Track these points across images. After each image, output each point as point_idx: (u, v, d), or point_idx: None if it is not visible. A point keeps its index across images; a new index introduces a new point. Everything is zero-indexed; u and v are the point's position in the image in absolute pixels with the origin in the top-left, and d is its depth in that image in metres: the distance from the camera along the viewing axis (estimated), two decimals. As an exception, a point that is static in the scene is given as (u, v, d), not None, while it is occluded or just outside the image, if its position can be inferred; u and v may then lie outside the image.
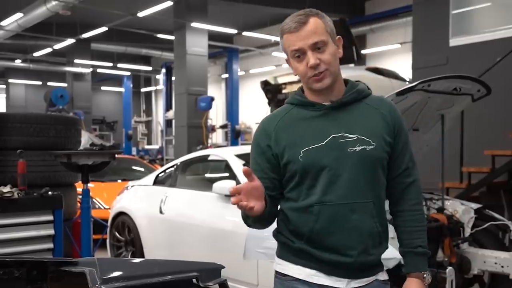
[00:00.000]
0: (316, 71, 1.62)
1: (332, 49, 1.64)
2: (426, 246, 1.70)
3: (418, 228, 1.70)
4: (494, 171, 5.65)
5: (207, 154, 5.26)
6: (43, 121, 3.74)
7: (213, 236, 4.26)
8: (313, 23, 1.63)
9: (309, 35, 1.62)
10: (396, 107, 1.74)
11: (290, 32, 1.64)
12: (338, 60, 1.68)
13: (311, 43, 1.61)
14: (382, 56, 16.67)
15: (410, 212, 1.71)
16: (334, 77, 1.65)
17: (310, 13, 1.66)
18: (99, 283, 1.43)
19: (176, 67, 14.76)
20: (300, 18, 1.63)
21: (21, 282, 1.47)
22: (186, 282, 1.65)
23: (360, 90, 1.71)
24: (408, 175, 1.72)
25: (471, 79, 3.80)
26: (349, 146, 1.62)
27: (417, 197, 1.72)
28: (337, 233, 1.61)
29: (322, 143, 1.62)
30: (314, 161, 1.62)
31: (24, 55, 20.48)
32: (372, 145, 1.63)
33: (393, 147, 1.69)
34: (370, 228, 1.64)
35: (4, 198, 3.16)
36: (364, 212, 1.63)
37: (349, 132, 1.63)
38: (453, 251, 3.79)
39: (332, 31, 1.67)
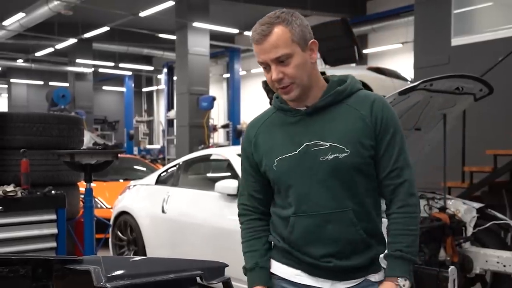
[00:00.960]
0: (280, 85, 1.57)
1: (298, 60, 1.55)
2: (411, 251, 1.58)
3: (402, 232, 1.59)
4: (496, 171, 5.64)
5: (209, 154, 5.28)
6: (46, 121, 3.75)
7: (215, 235, 4.26)
8: (276, 35, 1.53)
9: (271, 49, 1.53)
10: (384, 104, 1.62)
11: (254, 42, 1.57)
12: (311, 66, 1.60)
13: (272, 57, 1.54)
14: (383, 56, 16.66)
15: (396, 214, 1.61)
16: (303, 87, 1.58)
17: (276, 20, 1.54)
18: (103, 281, 1.44)
19: (177, 67, 14.77)
20: (263, 29, 1.54)
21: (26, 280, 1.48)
22: (190, 281, 1.66)
23: (340, 91, 1.61)
24: (397, 176, 1.61)
25: (473, 78, 3.80)
26: (321, 155, 1.57)
27: (404, 199, 1.61)
28: (313, 243, 1.62)
29: (295, 152, 1.59)
30: (285, 173, 1.61)
31: (26, 55, 20.51)
32: (346, 152, 1.56)
33: (376, 148, 1.60)
34: (350, 236, 1.59)
35: (7, 197, 3.17)
36: (341, 221, 1.58)
37: (323, 140, 1.58)
38: (455, 250, 3.80)
39: (301, 38, 1.56)
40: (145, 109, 29.39)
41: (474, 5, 7.19)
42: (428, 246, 3.68)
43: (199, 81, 14.00)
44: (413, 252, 1.59)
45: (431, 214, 3.93)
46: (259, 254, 1.70)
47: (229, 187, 4.18)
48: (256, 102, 19.92)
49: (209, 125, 14.16)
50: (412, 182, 1.63)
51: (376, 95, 1.65)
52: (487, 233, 4.05)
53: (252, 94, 20.99)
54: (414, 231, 1.60)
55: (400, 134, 1.63)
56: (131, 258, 2.10)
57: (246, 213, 1.76)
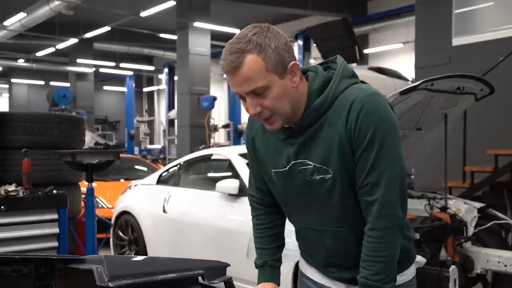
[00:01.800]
0: (261, 117, 1.43)
1: (276, 90, 1.37)
2: (378, 279, 1.41)
3: (369, 258, 1.43)
4: (497, 171, 5.64)
5: (210, 154, 5.29)
6: (48, 121, 3.76)
7: (216, 235, 4.27)
8: (247, 66, 1.34)
9: (243, 82, 1.36)
10: (364, 106, 1.38)
11: (225, 73, 1.40)
12: (294, 90, 1.41)
13: (247, 91, 1.38)
14: (384, 56, 16.66)
15: (366, 237, 1.44)
16: (287, 116, 1.42)
17: (247, 47, 1.35)
18: (106, 280, 1.44)
19: (178, 66, 14.78)
20: (232, 60, 1.35)
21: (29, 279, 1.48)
22: (192, 280, 1.65)
23: (317, 107, 1.42)
24: (366, 193, 1.42)
25: (475, 78, 3.80)
26: (308, 175, 1.47)
27: (372, 221, 1.42)
28: (316, 253, 1.61)
29: (285, 168, 1.51)
30: (280, 186, 1.56)
31: (27, 55, 20.52)
32: (330, 174, 1.43)
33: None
34: (350, 253, 1.52)
35: (9, 197, 3.18)
36: (338, 239, 1.52)
37: (308, 159, 1.46)
38: (456, 250, 3.80)
39: (277, 65, 1.36)
40: (146, 109, 29.40)
41: (475, 5, 7.19)
42: (429, 246, 3.69)
43: (200, 81, 14.00)
44: (382, 279, 1.42)
45: (432, 214, 3.94)
46: (269, 252, 1.70)
47: (230, 187, 4.19)
48: (257, 102, 19.95)
49: (210, 125, 14.16)
50: (386, 201, 1.40)
51: (358, 95, 1.40)
52: (488, 233, 4.05)
53: (253, 94, 21.00)
54: (382, 257, 1.42)
55: (379, 144, 1.38)
56: (133, 257, 2.11)
57: (255, 206, 1.73)
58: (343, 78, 1.45)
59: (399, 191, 1.43)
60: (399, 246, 1.47)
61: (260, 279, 1.70)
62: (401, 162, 1.43)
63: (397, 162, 1.42)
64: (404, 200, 1.46)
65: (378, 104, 1.39)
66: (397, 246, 1.46)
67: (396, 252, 1.46)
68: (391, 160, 1.40)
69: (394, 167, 1.41)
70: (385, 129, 1.38)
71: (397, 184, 1.42)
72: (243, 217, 4.08)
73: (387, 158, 1.39)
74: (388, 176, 1.40)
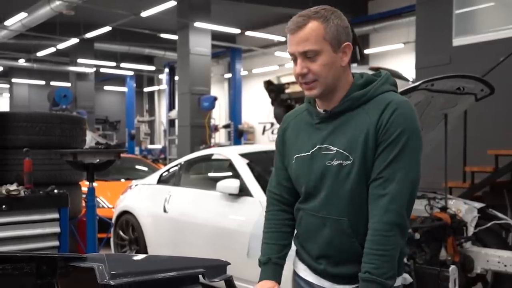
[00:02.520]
0: (304, 80, 1.55)
1: (326, 58, 1.52)
2: (380, 273, 1.46)
3: (371, 251, 1.48)
4: (497, 171, 5.66)
5: (211, 154, 5.29)
6: (49, 120, 3.77)
7: (217, 235, 4.28)
8: (309, 28, 1.51)
9: (301, 42, 1.52)
10: (398, 108, 1.50)
11: (288, 32, 1.56)
12: (340, 68, 1.55)
13: (300, 50, 1.53)
14: (385, 56, 16.67)
15: (371, 231, 1.51)
16: (327, 86, 1.55)
17: (314, 15, 1.52)
18: (107, 278, 1.45)
19: (179, 66, 14.79)
20: (299, 21, 1.53)
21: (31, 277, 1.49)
22: (192, 278, 1.66)
23: (357, 96, 1.56)
24: (379, 186, 1.49)
25: (475, 78, 3.81)
26: (328, 159, 1.56)
27: (380, 214, 1.48)
28: (311, 241, 1.65)
29: (308, 152, 1.61)
30: (298, 170, 1.65)
31: (28, 55, 20.55)
32: (350, 160, 1.52)
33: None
34: (344, 245, 1.57)
35: (10, 196, 3.18)
36: (336, 229, 1.57)
37: (332, 144, 1.56)
38: (456, 250, 3.81)
39: (334, 38, 1.52)
40: (146, 109, 29.42)
41: (475, 5, 7.20)
42: (429, 246, 3.69)
43: (201, 81, 14.02)
44: (384, 274, 1.46)
45: (432, 214, 3.94)
46: (275, 249, 1.72)
47: (230, 187, 4.20)
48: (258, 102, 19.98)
49: (211, 125, 14.18)
50: (397, 197, 1.48)
51: (395, 99, 1.53)
52: (488, 233, 4.06)
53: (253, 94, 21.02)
54: (385, 251, 1.47)
55: (404, 144, 1.48)
56: (134, 256, 2.12)
57: (272, 202, 1.77)
58: (385, 83, 1.60)
59: (409, 193, 1.50)
60: (400, 245, 1.51)
61: (261, 276, 1.72)
62: (418, 168, 1.53)
63: (414, 166, 1.51)
64: (411, 202, 1.52)
65: (411, 110, 1.53)
66: (399, 243, 1.50)
67: (397, 249, 1.50)
68: (409, 162, 1.50)
69: (411, 169, 1.50)
70: (411, 134, 1.50)
71: (409, 186, 1.50)
72: (243, 217, 4.09)
73: (405, 159, 1.49)
74: (402, 176, 1.48)
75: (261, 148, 5.22)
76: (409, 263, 3.44)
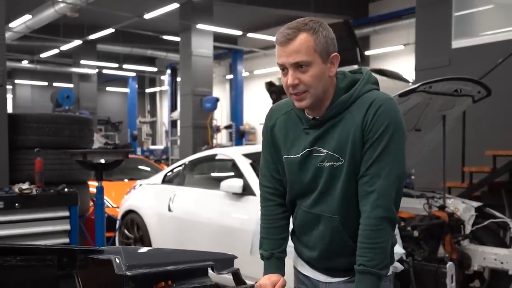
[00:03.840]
0: (294, 91, 1.59)
1: (316, 70, 1.57)
2: (373, 264, 1.55)
3: (364, 245, 1.57)
4: (495, 171, 5.73)
5: (214, 154, 5.38)
6: (58, 121, 3.88)
7: (221, 233, 4.36)
8: (300, 41, 1.55)
9: (292, 53, 1.56)
10: (381, 106, 1.57)
11: (278, 44, 1.60)
12: (328, 79, 1.61)
13: (292, 62, 1.56)
14: (385, 57, 16.75)
15: (362, 226, 1.59)
16: (316, 97, 1.60)
17: (304, 27, 1.57)
18: (124, 269, 1.56)
19: (181, 68, 14.89)
20: (289, 33, 1.57)
21: (52, 268, 1.59)
22: (202, 270, 1.77)
23: (343, 101, 1.61)
24: (367, 183, 1.57)
25: (472, 81, 3.90)
26: (319, 161, 1.63)
27: (369, 210, 1.56)
28: (306, 235, 1.75)
29: (298, 155, 1.67)
30: (290, 172, 1.72)
31: (31, 56, 20.65)
32: (341, 161, 1.60)
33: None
34: (335, 241, 1.67)
35: (23, 195, 3.29)
36: (329, 225, 1.66)
37: (322, 147, 1.63)
38: (454, 247, 3.90)
39: (323, 50, 1.57)
40: (148, 110, 29.51)
41: (474, 7, 7.28)
42: (427, 243, 3.79)
43: (203, 82, 14.10)
44: (377, 265, 1.56)
45: (431, 212, 4.04)
46: (276, 243, 1.80)
47: (234, 186, 4.28)
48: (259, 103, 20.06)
49: (213, 126, 14.26)
50: (384, 193, 1.56)
51: (378, 97, 1.60)
52: (485, 231, 4.15)
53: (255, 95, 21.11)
54: (376, 244, 1.56)
55: (388, 140, 1.55)
56: (149, 249, 2.23)
57: (267, 197, 1.83)
58: (367, 82, 1.65)
59: (396, 187, 1.59)
60: (390, 236, 1.61)
61: (266, 270, 1.81)
62: (403, 161, 1.60)
63: (399, 161, 1.58)
64: (398, 195, 1.61)
65: (393, 107, 1.59)
66: (389, 235, 1.60)
67: (389, 240, 1.60)
68: (394, 157, 1.57)
69: (395, 164, 1.57)
70: (395, 130, 1.57)
71: (395, 180, 1.58)
72: (246, 215, 4.17)
73: (390, 154, 1.56)
74: (388, 171, 1.56)
75: (263, 149, 5.29)
76: (408, 259, 3.54)
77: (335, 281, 1.72)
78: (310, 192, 1.69)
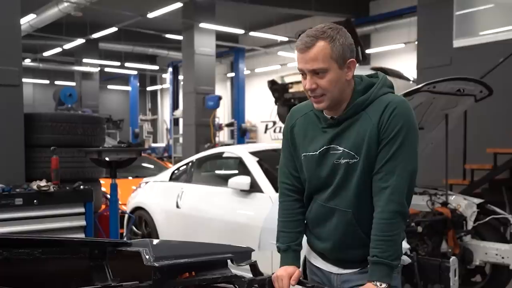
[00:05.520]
0: (313, 94, 1.71)
1: (332, 75, 1.67)
2: (386, 256, 1.66)
3: (378, 238, 1.68)
4: (496, 169, 5.83)
5: (221, 152, 5.48)
6: (72, 120, 3.98)
7: (229, 229, 4.44)
8: (317, 49, 1.66)
9: (310, 61, 1.67)
10: (396, 108, 1.67)
11: (297, 50, 1.71)
12: (345, 83, 1.71)
13: (310, 68, 1.68)
14: (386, 56, 16.83)
15: (376, 220, 1.70)
16: (334, 100, 1.71)
17: (322, 35, 1.66)
18: (152, 261, 1.67)
19: (184, 66, 14.96)
20: (307, 41, 1.67)
21: (85, 260, 1.69)
22: (222, 262, 1.88)
23: (359, 103, 1.72)
24: (381, 179, 1.69)
25: (474, 81, 4.01)
26: (335, 158, 1.74)
27: (383, 205, 1.67)
28: (320, 227, 1.85)
29: (316, 152, 1.78)
30: (308, 168, 1.82)
31: (34, 55, 20.71)
32: (356, 159, 1.71)
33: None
34: (348, 234, 1.77)
35: (41, 192, 3.40)
36: (343, 219, 1.76)
37: (339, 145, 1.74)
38: (456, 243, 4.01)
39: (339, 57, 1.67)
40: (149, 108, 29.57)
41: (475, 6, 7.36)
42: (430, 239, 3.90)
43: (205, 81, 14.18)
44: (390, 256, 1.66)
45: (434, 208, 4.14)
46: (293, 236, 1.90)
47: (242, 183, 4.37)
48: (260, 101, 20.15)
49: (215, 124, 14.34)
50: (397, 189, 1.67)
51: (393, 99, 1.71)
52: (487, 227, 4.26)
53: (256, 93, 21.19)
54: (389, 236, 1.67)
55: (402, 140, 1.66)
56: (174, 242, 2.33)
57: (285, 193, 1.93)
58: (383, 86, 1.76)
59: (408, 183, 1.70)
60: (402, 229, 1.72)
61: (283, 262, 1.91)
62: (415, 159, 1.71)
63: (412, 159, 1.70)
64: (410, 191, 1.72)
65: (407, 109, 1.71)
66: (402, 229, 1.71)
67: (400, 234, 1.71)
68: (407, 155, 1.68)
69: (409, 162, 1.69)
70: (408, 130, 1.68)
71: (408, 177, 1.69)
72: (254, 212, 4.27)
73: (404, 153, 1.67)
74: (402, 168, 1.67)
75: (270, 147, 5.39)
76: (412, 254, 3.64)
77: (346, 272, 1.82)
78: (326, 187, 1.79)
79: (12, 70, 3.82)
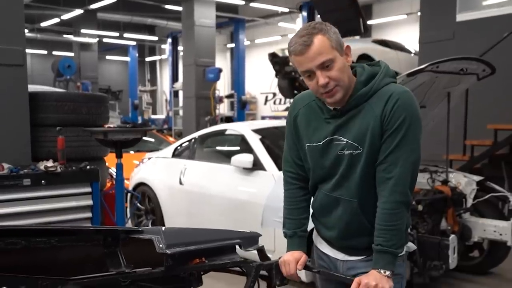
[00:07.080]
0: (327, 89, 1.70)
1: (339, 63, 1.69)
2: (390, 244, 1.70)
3: (381, 227, 1.71)
4: (496, 144, 5.88)
5: (224, 129, 5.50)
6: (76, 99, 3.99)
7: (232, 206, 4.50)
8: (317, 43, 1.66)
9: (315, 56, 1.66)
10: (399, 99, 1.68)
11: (297, 54, 1.69)
12: (349, 69, 1.74)
13: (318, 63, 1.67)
14: (388, 27, 16.70)
15: (380, 209, 1.72)
16: (345, 88, 1.72)
17: (314, 31, 1.68)
18: (164, 248, 1.72)
19: (184, 38, 14.83)
20: (305, 40, 1.67)
21: (99, 247, 1.75)
22: (231, 248, 1.94)
23: (362, 94, 1.73)
24: (385, 170, 1.71)
25: (477, 60, 4.02)
26: (339, 149, 1.76)
27: (387, 195, 1.70)
28: (325, 216, 1.89)
29: (320, 143, 1.80)
30: (312, 158, 1.85)
31: (31, 25, 20.49)
32: (359, 150, 1.72)
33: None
34: (354, 223, 1.80)
35: (48, 172, 3.44)
36: (348, 208, 1.80)
37: (342, 136, 1.75)
38: (455, 220, 4.08)
39: (338, 44, 1.69)
40: (148, 79, 29.44)
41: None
42: (431, 217, 3.97)
43: (205, 53, 14.09)
44: (394, 245, 1.70)
45: (434, 187, 4.20)
46: (298, 223, 1.96)
47: (245, 161, 4.41)
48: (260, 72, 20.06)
49: (216, 96, 14.31)
50: (400, 179, 1.69)
51: (396, 90, 1.71)
52: (486, 204, 4.33)
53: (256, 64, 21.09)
54: (393, 226, 1.70)
55: (405, 131, 1.67)
56: (184, 229, 2.39)
57: (290, 181, 1.97)
58: (386, 76, 1.77)
59: (411, 173, 1.73)
60: (406, 218, 1.76)
61: (289, 247, 1.97)
62: (418, 150, 1.73)
63: (415, 150, 1.72)
64: (413, 180, 1.76)
65: (410, 100, 1.71)
66: (405, 218, 1.74)
67: (404, 223, 1.74)
68: (410, 147, 1.70)
69: (412, 153, 1.71)
70: (412, 121, 1.69)
71: (411, 168, 1.72)
72: (257, 189, 4.32)
73: (407, 144, 1.69)
74: (405, 159, 1.70)
75: (272, 124, 5.40)
76: (412, 232, 3.72)
77: (352, 259, 1.88)
78: (330, 177, 1.82)
79: (16, 49, 3.80)
